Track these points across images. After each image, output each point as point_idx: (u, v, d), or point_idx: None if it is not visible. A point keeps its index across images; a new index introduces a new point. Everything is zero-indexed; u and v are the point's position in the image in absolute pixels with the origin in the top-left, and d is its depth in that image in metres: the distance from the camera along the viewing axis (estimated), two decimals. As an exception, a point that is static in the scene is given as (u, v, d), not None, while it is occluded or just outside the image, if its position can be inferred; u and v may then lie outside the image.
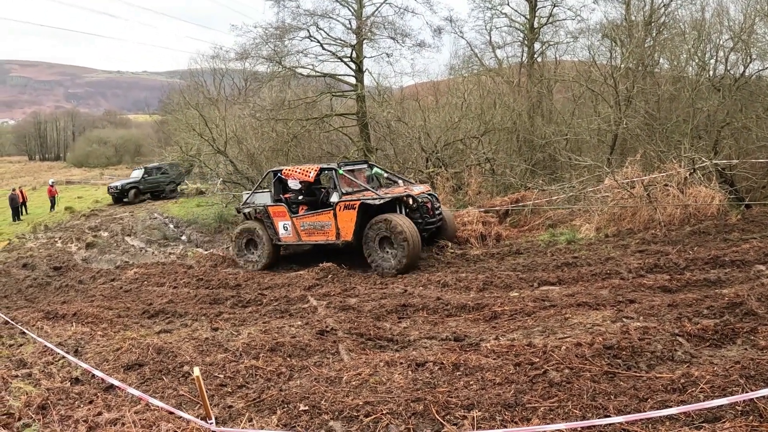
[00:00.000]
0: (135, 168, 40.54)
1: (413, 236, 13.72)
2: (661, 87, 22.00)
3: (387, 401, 5.63)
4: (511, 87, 28.81)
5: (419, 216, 14.54)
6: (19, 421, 6.47)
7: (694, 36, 21.89)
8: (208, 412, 4.46)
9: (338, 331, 8.26)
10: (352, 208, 14.49)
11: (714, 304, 8.39)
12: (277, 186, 16.33)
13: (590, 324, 7.92)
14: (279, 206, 15.88)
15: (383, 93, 27.67)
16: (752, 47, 20.28)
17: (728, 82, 20.42)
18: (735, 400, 4.98)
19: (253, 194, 16.85)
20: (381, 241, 14.02)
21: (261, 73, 31.86)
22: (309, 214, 15.41)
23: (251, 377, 6.93)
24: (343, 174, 15.23)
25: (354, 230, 14.51)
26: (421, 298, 10.11)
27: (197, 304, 11.82)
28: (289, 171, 15.91)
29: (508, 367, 6.27)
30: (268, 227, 16.04)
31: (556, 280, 11.04)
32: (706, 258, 11.73)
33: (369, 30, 27.98)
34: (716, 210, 16.52)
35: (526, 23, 32.40)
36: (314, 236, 15.32)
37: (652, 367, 6.29)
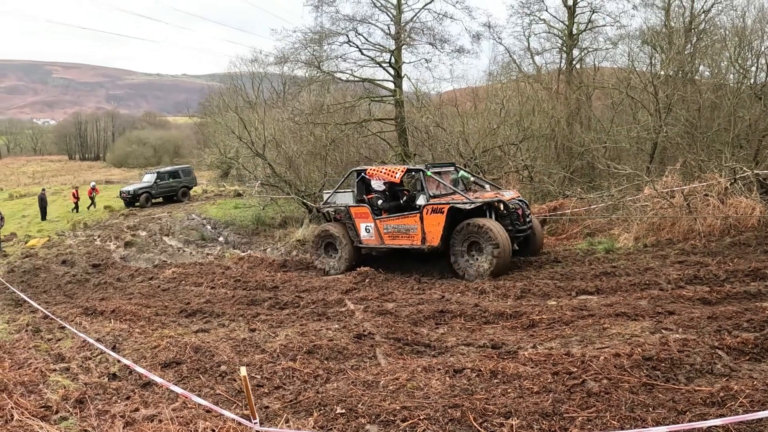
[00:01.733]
0: (147, 172, 40.66)
1: (504, 242, 13.18)
2: (701, 95, 21.69)
3: (424, 407, 5.63)
4: (550, 94, 28.63)
5: (509, 222, 13.92)
6: (57, 414, 6.57)
7: (734, 43, 21.59)
8: (252, 412, 4.50)
9: (375, 335, 8.27)
10: (440, 212, 13.95)
11: (754, 317, 8.25)
12: (360, 186, 15.90)
13: (628, 335, 7.85)
14: (362, 207, 15.42)
15: (422, 98, 27.64)
16: None
17: (767, 88, 20.15)
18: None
19: (334, 194, 16.44)
20: (469, 246, 13.54)
21: (300, 77, 32.07)
22: (393, 217, 14.90)
23: (288, 379, 6.97)
24: (431, 176, 14.76)
25: (441, 235, 13.96)
26: (458, 304, 10.08)
27: (234, 304, 11.90)
28: (373, 171, 15.47)
29: (546, 376, 6.24)
30: (349, 229, 15.55)
31: (594, 289, 10.92)
32: (746, 270, 11.55)
33: (408, 35, 28.00)
34: (757, 221, 16.25)
35: (564, 29, 32.19)
36: (398, 240, 14.76)
37: (691, 380, 6.21)
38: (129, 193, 35.80)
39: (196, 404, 6.30)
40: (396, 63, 27.51)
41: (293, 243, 20.69)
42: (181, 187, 37.74)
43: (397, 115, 26.95)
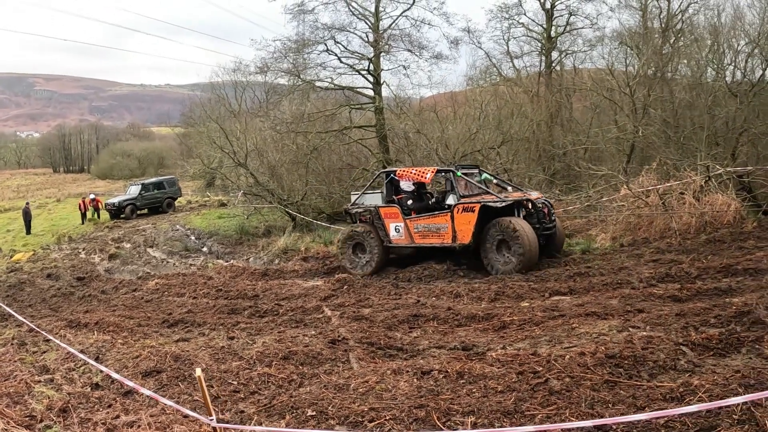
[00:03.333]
0: (132, 184, 40.32)
1: (531, 240, 13.61)
2: (674, 95, 22.02)
3: (391, 407, 5.83)
4: (530, 97, 28.94)
5: (537, 221, 14.32)
6: (41, 423, 6.75)
7: (709, 42, 21.90)
8: (209, 410, 4.69)
9: (350, 340, 8.46)
10: (472, 211, 14.27)
11: (722, 313, 8.43)
12: (390, 187, 16.07)
13: (596, 333, 8.03)
14: (391, 207, 15.61)
15: (401, 105, 27.88)
16: (765, 51, 20.28)
17: (745, 87, 20.40)
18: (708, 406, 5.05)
19: (362, 195, 16.63)
20: (499, 244, 13.89)
21: (281, 87, 32.23)
22: (423, 216, 15.13)
23: (263, 384, 7.15)
24: (461, 176, 15.06)
25: (473, 233, 14.24)
26: (433, 308, 10.28)
27: (215, 314, 12.06)
28: (403, 172, 15.73)
29: (511, 376, 6.43)
30: (378, 229, 15.72)
31: (567, 290, 11.15)
32: (718, 267, 11.77)
33: (386, 43, 28.24)
34: (732, 218, 16.48)
35: (543, 33, 32.55)
36: (428, 239, 15.02)
37: (654, 377, 6.36)
38: (114, 205, 35.70)
39: (174, 410, 6.47)
40: (375, 70, 27.75)
41: (276, 252, 20.85)
42: (166, 198, 37.65)
43: (377, 122, 27.17)
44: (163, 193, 37.63)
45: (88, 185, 70.05)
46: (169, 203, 37.58)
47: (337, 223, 24.24)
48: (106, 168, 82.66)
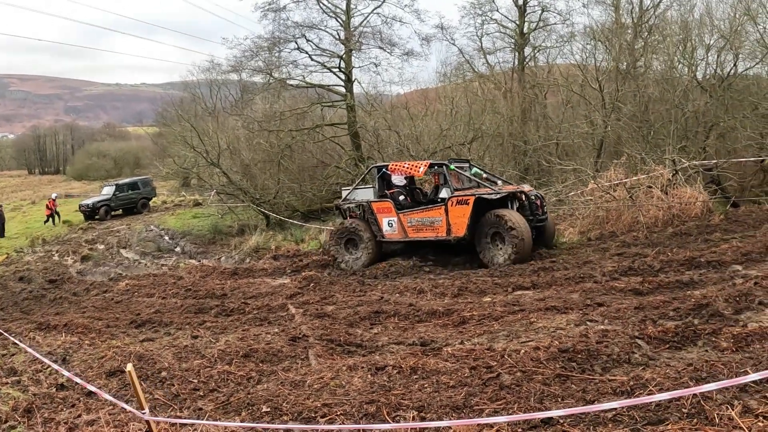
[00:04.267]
0: (106, 184, 40.23)
1: (525, 232, 13.73)
2: (647, 89, 22.24)
3: (343, 403, 5.92)
4: (503, 92, 29.11)
5: (530, 213, 14.47)
6: (6, 424, 6.82)
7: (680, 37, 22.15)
8: (141, 404, 4.77)
9: (310, 337, 8.53)
10: (466, 204, 14.33)
11: (681, 306, 8.50)
12: (381, 182, 16.12)
13: (554, 328, 8.12)
14: (384, 202, 15.63)
15: (372, 102, 27.96)
16: (739, 47, 20.58)
17: (713, 81, 20.70)
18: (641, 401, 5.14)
19: (353, 190, 16.71)
20: (493, 236, 14.01)
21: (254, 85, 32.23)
22: (417, 210, 15.19)
23: (223, 382, 7.22)
24: (454, 170, 15.16)
25: (467, 225, 14.32)
26: (395, 304, 10.36)
27: (183, 313, 12.07)
28: (395, 166, 15.80)
29: (464, 371, 6.51)
30: (371, 224, 15.74)
31: (530, 284, 11.25)
32: (681, 260, 11.87)
33: (357, 40, 28.32)
34: (700, 211, 16.69)
35: (516, 29, 32.69)
36: (422, 232, 15.06)
37: (607, 370, 6.42)
38: (88, 206, 35.54)
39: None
40: (346, 68, 27.82)
41: (247, 251, 20.89)
42: (140, 198, 37.60)
43: (349, 120, 27.24)
44: (137, 193, 37.54)
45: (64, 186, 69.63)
46: (143, 204, 37.50)
47: (310, 221, 24.33)
48: (82, 169, 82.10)
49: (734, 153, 19.51)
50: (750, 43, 20.86)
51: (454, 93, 27.84)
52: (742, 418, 4.78)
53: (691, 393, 5.12)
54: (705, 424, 4.77)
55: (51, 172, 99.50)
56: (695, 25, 22.40)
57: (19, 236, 31.14)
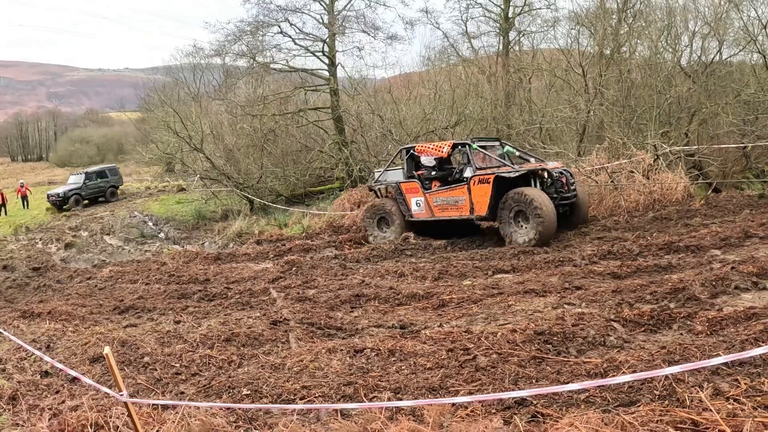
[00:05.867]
0: (73, 173, 39.17)
1: (548, 210, 13.58)
2: (622, 74, 22.36)
3: (322, 385, 6.03)
4: (487, 77, 29.13)
5: (554, 191, 14.38)
6: (-9, 411, 6.89)
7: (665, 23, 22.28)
8: (119, 386, 4.84)
9: (291, 321, 8.62)
10: (487, 182, 14.45)
11: (658, 289, 8.67)
12: (410, 163, 16.31)
13: (532, 310, 8.25)
14: (412, 182, 15.92)
15: (355, 86, 27.94)
16: (723, 34, 20.74)
17: (697, 68, 20.86)
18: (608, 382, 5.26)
19: (384, 172, 16.96)
20: (516, 215, 13.97)
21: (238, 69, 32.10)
22: (442, 190, 15.39)
23: (204, 366, 7.30)
24: (477, 149, 15.19)
25: (488, 204, 14.43)
26: (376, 288, 10.47)
27: (166, 299, 12.13)
28: (422, 147, 16.06)
29: (441, 353, 6.63)
30: (400, 204, 16.05)
31: (510, 268, 11.38)
32: (660, 244, 12.03)
33: (341, 24, 28.28)
34: (681, 196, 16.84)
35: (501, 13, 32.67)
36: (447, 212, 15.29)
37: (582, 353, 6.59)
38: (59, 195, 34.86)
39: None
40: (330, 52, 27.75)
41: (231, 236, 20.95)
42: (109, 186, 37.09)
43: (332, 104, 27.23)
44: (105, 181, 37.08)
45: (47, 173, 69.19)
46: (112, 192, 37.03)
47: (295, 205, 24.37)
48: (65, 155, 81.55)
49: (716, 139, 19.67)
50: (734, 30, 21.02)
51: (437, 77, 27.83)
52: (713, 400, 4.86)
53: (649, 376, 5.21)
54: (676, 406, 4.85)
55: (34, 159, 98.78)
56: (680, 11, 22.54)
57: (2, 225, 30.98)
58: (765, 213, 14.84)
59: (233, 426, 5.41)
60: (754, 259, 10.11)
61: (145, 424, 5.54)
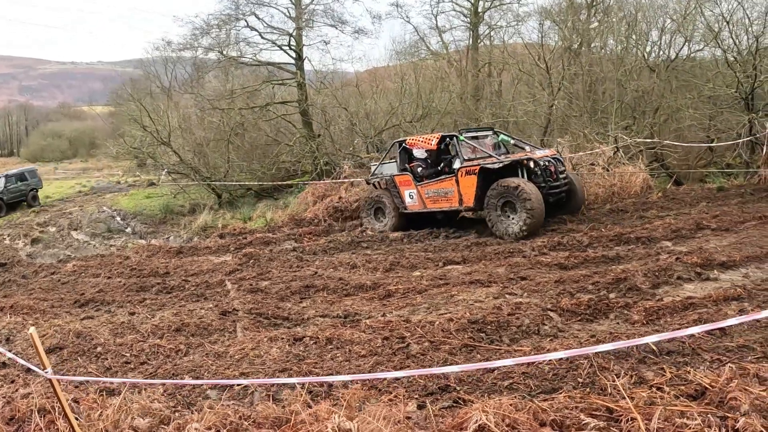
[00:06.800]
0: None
1: (536, 199, 13.55)
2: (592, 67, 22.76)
3: (259, 371, 6.28)
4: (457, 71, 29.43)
5: (542, 180, 14.31)
6: (-52, 402, 7.09)
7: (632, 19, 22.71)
8: (43, 363, 5.03)
9: (240, 311, 8.86)
10: (473, 174, 14.54)
11: (600, 280, 8.92)
12: (403, 156, 16.51)
13: (473, 300, 8.49)
14: (404, 175, 16.11)
15: (321, 80, 28.09)
16: (689, 30, 21.19)
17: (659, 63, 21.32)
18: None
19: (380, 165, 17.26)
20: (503, 206, 13.98)
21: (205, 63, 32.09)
22: (433, 182, 15.55)
23: (153, 355, 7.52)
24: (464, 141, 15.29)
25: (475, 195, 14.52)
26: (327, 279, 10.69)
27: (125, 292, 12.27)
28: (413, 141, 16.29)
29: (377, 341, 6.88)
30: (394, 196, 16.28)
31: (461, 259, 11.61)
32: (611, 236, 12.25)
33: (309, 18, 28.40)
34: (640, 188, 17.19)
35: (471, 7, 32.91)
36: (438, 203, 15.49)
37: (515, 341, 6.80)
38: None
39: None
40: (297, 45, 27.84)
41: (196, 230, 21.08)
42: (30, 190, 35.07)
43: (299, 98, 27.37)
44: (26, 185, 35.05)
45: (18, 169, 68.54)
46: (33, 196, 35.06)
47: (263, 199, 24.55)
48: (37, 150, 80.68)
49: (679, 132, 20.13)
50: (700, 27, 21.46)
51: (403, 71, 28.07)
52: (637, 388, 5.00)
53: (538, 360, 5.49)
54: (597, 394, 4.98)
55: (5, 154, 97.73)
56: (648, 8, 22.99)
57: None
58: (721, 206, 15.12)
59: (172, 410, 5.65)
60: (702, 250, 10.36)
61: (89, 409, 5.77)
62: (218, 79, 31.03)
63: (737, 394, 4.45)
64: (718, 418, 4.11)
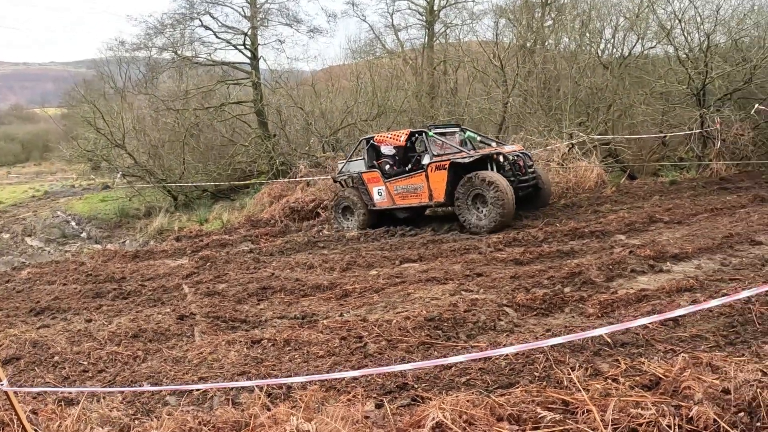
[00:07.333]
0: None
1: (507, 193, 13.66)
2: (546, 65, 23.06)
3: (217, 376, 6.29)
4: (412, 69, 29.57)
5: (511, 174, 14.46)
6: None
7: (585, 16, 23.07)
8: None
9: (197, 315, 8.82)
10: (443, 169, 14.60)
11: (555, 274, 9.08)
12: (371, 153, 16.49)
13: (429, 298, 8.58)
14: (373, 172, 16.09)
15: (277, 79, 28.04)
16: (642, 28, 21.61)
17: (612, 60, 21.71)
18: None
19: (347, 163, 17.10)
20: (474, 199, 14.10)
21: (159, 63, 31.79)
22: (402, 178, 15.56)
23: (111, 362, 7.46)
24: (433, 137, 15.35)
25: (446, 190, 14.60)
26: (284, 280, 10.69)
27: (81, 299, 12.10)
28: (380, 137, 16.30)
29: (335, 342, 6.93)
30: (363, 194, 16.24)
31: (417, 257, 11.67)
32: (566, 230, 12.47)
33: (264, 17, 28.33)
34: (594, 183, 17.49)
35: (426, 6, 33.07)
36: (408, 199, 15.52)
37: (472, 337, 6.88)
38: None
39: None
40: (252, 45, 27.77)
41: (152, 233, 20.91)
42: None
43: (254, 98, 27.28)
44: None
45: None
46: None
47: (220, 200, 24.43)
48: (-11, 154, 79.19)
49: (632, 128, 20.52)
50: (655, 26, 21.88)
51: (359, 69, 28.13)
52: (593, 380, 5.09)
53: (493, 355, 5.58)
54: (553, 387, 5.04)
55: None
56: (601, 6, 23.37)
57: None
58: (673, 199, 15.49)
59: (131, 418, 5.64)
60: (655, 243, 10.63)
61: (48, 420, 5.73)
62: (173, 79, 30.79)
63: (691, 383, 4.56)
64: (673, 408, 4.19)
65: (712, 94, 20.11)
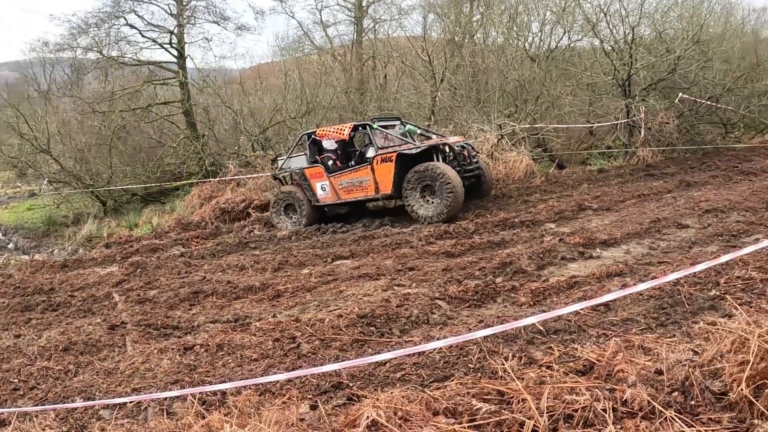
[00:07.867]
0: None
1: (456, 182, 13.73)
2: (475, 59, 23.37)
3: (151, 386, 6.25)
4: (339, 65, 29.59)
5: (456, 164, 14.55)
6: None
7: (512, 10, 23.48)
8: None
9: (128, 324, 8.70)
10: (390, 161, 14.54)
11: (486, 265, 9.22)
12: (312, 148, 16.22)
13: (362, 295, 8.64)
14: (315, 167, 15.85)
15: (204, 78, 27.72)
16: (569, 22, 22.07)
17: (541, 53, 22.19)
18: None
19: (288, 159, 16.82)
20: (422, 190, 14.12)
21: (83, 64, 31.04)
22: (346, 172, 15.41)
23: (42, 378, 7.30)
24: (378, 129, 15.28)
25: (393, 182, 14.56)
26: (216, 283, 10.63)
27: (9, 313, 11.69)
28: (323, 131, 16.07)
29: (268, 344, 6.94)
30: (306, 190, 16.00)
31: (349, 254, 11.74)
32: (497, 221, 12.67)
33: (191, 15, 27.96)
34: (524, 173, 17.78)
35: (355, 1, 33.13)
36: (353, 193, 15.38)
37: (406, 332, 6.97)
38: None
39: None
40: (178, 43, 27.34)
41: (80, 241, 20.45)
42: None
43: (182, 98, 26.91)
44: None
45: None
46: None
47: (150, 204, 24.04)
48: None
49: (560, 119, 20.93)
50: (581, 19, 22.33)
51: (287, 66, 28.03)
52: (527, 369, 5.16)
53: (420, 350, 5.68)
54: (488, 378, 5.12)
55: None
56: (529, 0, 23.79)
57: None
58: (602, 186, 15.87)
59: (65, 435, 5.57)
60: (584, 230, 10.92)
61: (-18, 444, 5.63)
62: (98, 80, 30.13)
63: (624, 366, 4.69)
64: (607, 391, 4.29)
65: (637, 84, 20.62)
